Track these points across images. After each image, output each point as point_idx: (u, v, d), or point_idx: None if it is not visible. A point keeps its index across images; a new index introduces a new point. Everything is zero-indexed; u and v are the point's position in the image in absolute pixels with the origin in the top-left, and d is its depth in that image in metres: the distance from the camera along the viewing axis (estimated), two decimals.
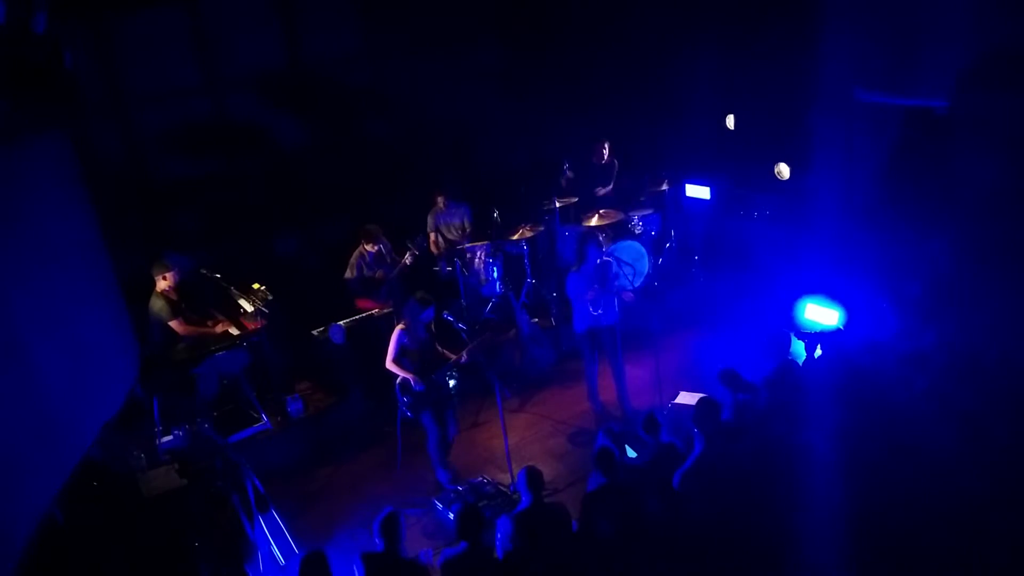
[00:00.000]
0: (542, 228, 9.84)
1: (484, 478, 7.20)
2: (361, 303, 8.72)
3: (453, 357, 7.05)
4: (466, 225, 9.76)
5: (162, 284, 7.66)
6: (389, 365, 7.05)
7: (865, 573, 4.54)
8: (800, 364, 6.88)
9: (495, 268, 9.41)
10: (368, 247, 8.66)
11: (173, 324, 7.63)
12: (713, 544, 4.88)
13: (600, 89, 10.96)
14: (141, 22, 8.90)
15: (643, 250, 9.64)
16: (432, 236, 9.68)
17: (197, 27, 9.24)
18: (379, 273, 8.74)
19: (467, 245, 9.51)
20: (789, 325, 8.28)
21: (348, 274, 8.75)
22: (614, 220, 9.69)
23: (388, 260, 8.83)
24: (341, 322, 8.29)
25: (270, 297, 7.99)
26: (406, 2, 10.35)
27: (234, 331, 7.87)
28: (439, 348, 7.14)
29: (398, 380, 7.07)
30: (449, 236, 9.73)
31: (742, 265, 10.02)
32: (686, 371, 8.74)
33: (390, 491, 7.30)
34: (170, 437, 7.25)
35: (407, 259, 8.78)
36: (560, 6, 10.91)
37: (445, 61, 10.82)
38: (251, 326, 7.91)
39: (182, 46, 9.20)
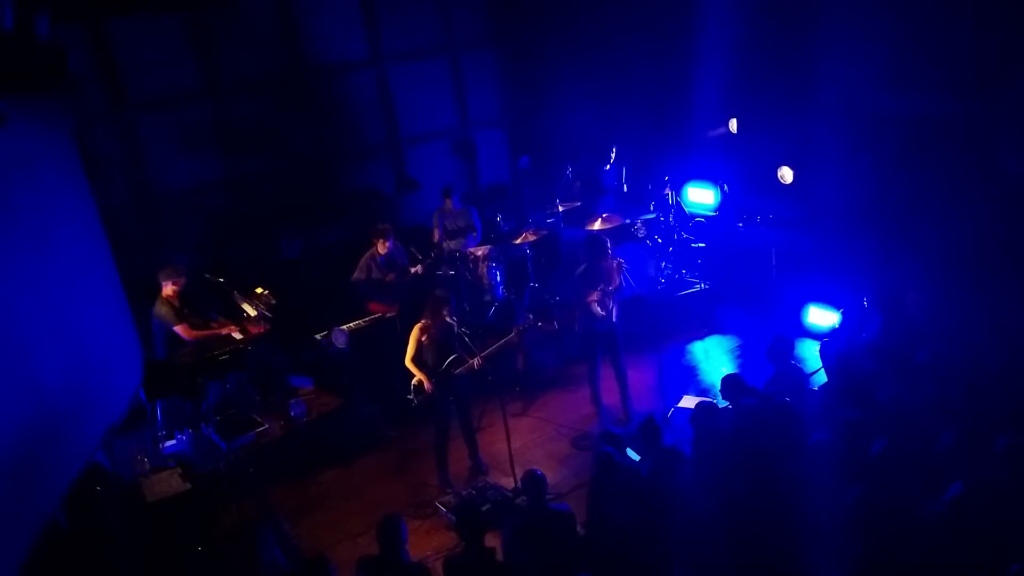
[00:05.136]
0: (545, 232, 9.84)
1: (487, 481, 7.19)
2: (373, 306, 8.71)
3: (470, 361, 7.06)
4: (472, 227, 9.77)
5: (168, 290, 7.68)
6: (408, 364, 7.08)
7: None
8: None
9: (498, 272, 9.41)
10: (380, 247, 8.64)
11: (178, 329, 7.65)
12: (716, 545, 4.88)
13: (604, 92, 10.98)
14: (142, 25, 8.95)
15: (647, 254, 9.66)
16: (436, 233, 9.69)
17: (199, 30, 9.29)
18: (390, 277, 8.71)
19: (471, 249, 9.51)
20: (792, 329, 8.29)
21: (357, 275, 8.71)
22: (617, 224, 9.69)
23: (399, 264, 8.82)
24: (345, 326, 8.30)
25: (273, 301, 8.00)
26: (408, 6, 10.39)
27: (238, 335, 7.88)
28: (470, 347, 7.14)
29: (414, 380, 7.09)
30: (453, 238, 9.73)
31: (745, 269, 10.01)
32: (690, 375, 8.75)
33: (393, 495, 7.30)
34: (173, 441, 7.26)
35: (418, 269, 8.78)
36: (562, 10, 10.93)
37: (447, 66, 10.87)
38: (255, 330, 7.92)
39: (184, 49, 9.24)
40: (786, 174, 9.64)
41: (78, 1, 8.27)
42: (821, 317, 8.70)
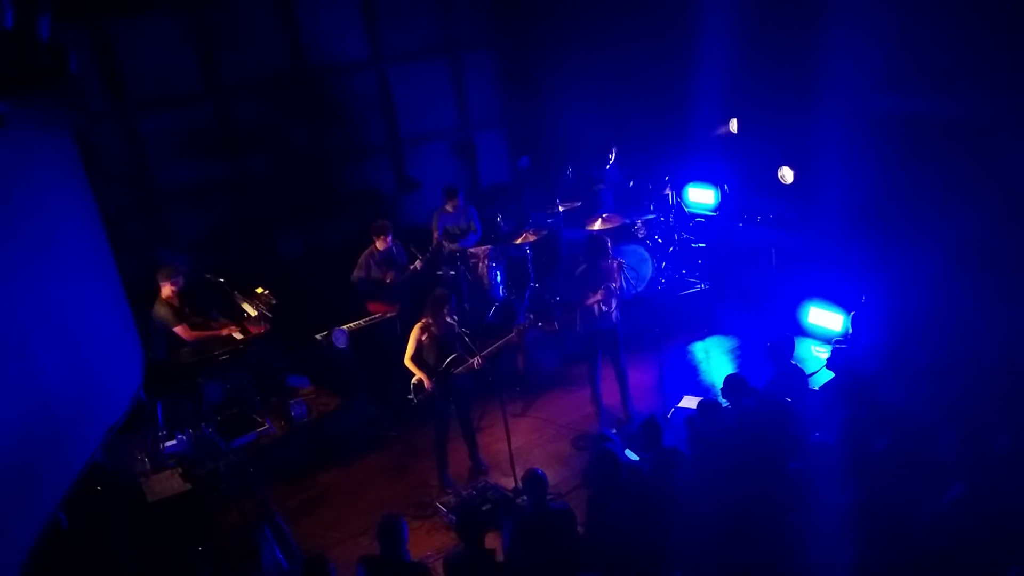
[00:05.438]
0: (545, 232, 9.84)
1: (487, 481, 7.20)
2: (372, 306, 8.72)
3: (470, 360, 7.07)
4: (472, 227, 9.76)
5: (167, 290, 7.68)
6: (407, 363, 7.08)
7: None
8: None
9: (498, 272, 9.41)
10: (379, 244, 8.64)
11: (178, 330, 7.65)
12: (716, 545, 4.88)
13: (604, 93, 10.97)
14: (144, 25, 8.98)
15: (646, 254, 9.66)
16: (436, 233, 9.70)
17: (200, 31, 9.31)
18: (389, 276, 8.72)
19: (471, 249, 9.51)
20: (792, 329, 8.28)
21: (357, 274, 8.72)
22: (618, 224, 9.69)
23: (398, 262, 8.81)
24: (345, 326, 8.30)
25: (274, 301, 8.00)
26: (408, 6, 10.40)
27: (238, 335, 7.89)
28: (470, 347, 7.14)
29: (413, 379, 7.09)
30: (452, 239, 9.73)
31: (746, 269, 10.01)
32: (691, 375, 8.75)
33: (393, 495, 7.30)
34: (174, 441, 7.27)
35: (417, 265, 8.79)
36: (562, 10, 10.93)
37: (447, 66, 10.88)
38: (255, 330, 7.93)
39: (185, 49, 9.26)
40: (786, 174, 9.63)
41: (79, 1, 8.30)
42: (822, 317, 8.71)
